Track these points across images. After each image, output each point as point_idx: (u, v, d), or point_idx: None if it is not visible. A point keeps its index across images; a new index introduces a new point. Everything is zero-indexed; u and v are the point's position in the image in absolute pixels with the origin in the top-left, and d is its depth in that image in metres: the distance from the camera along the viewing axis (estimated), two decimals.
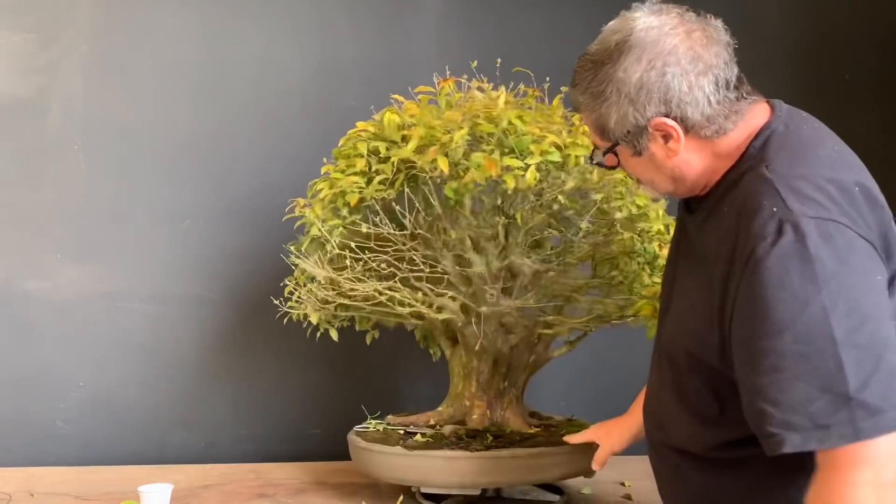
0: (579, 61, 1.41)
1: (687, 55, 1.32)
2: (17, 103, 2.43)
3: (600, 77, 1.36)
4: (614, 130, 1.38)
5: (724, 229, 1.31)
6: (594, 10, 2.75)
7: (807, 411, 1.18)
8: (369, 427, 2.13)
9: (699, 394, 1.41)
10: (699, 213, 1.42)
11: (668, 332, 1.47)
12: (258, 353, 2.54)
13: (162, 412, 2.51)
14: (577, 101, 1.42)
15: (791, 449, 1.19)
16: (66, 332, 2.46)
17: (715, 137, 1.35)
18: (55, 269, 2.45)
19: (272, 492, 2.15)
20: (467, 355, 2.12)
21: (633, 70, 1.33)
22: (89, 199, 2.46)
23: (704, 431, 1.41)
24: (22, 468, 2.35)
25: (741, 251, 1.25)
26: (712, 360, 1.35)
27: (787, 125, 1.36)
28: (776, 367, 1.20)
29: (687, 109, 1.33)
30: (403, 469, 1.96)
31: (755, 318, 1.22)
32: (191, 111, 2.52)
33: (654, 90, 1.32)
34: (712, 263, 1.32)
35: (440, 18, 2.67)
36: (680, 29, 1.33)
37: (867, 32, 2.88)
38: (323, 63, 2.60)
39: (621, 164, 1.45)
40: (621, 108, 1.35)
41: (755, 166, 1.31)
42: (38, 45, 2.44)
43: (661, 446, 1.52)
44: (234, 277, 2.52)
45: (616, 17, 1.39)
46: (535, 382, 2.67)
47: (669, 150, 1.36)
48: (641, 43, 1.33)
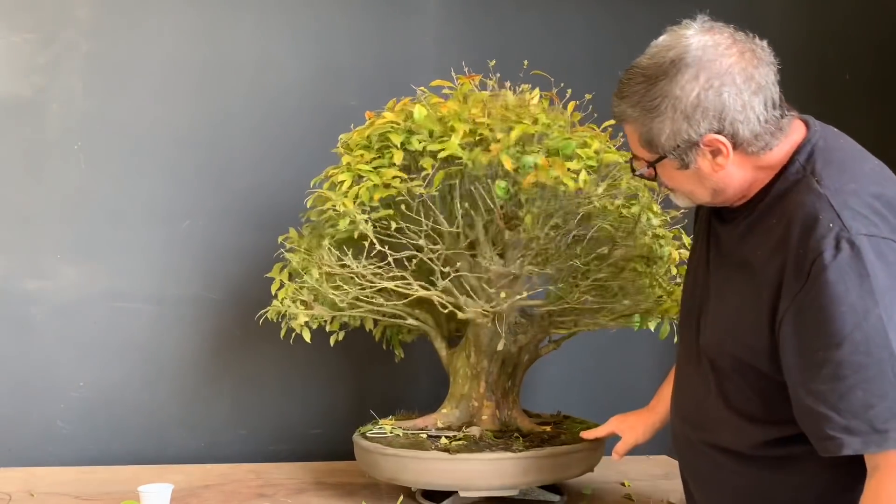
0: (627, 74, 1.44)
1: (741, 75, 1.36)
2: (17, 103, 2.43)
3: (655, 92, 1.38)
4: (664, 144, 1.41)
5: (774, 240, 1.37)
6: (594, 10, 2.77)
7: (865, 417, 1.27)
8: (385, 431, 2.09)
9: (745, 395, 1.47)
10: (738, 223, 1.47)
11: (709, 337, 1.51)
12: (258, 352, 2.53)
13: (162, 412, 2.50)
14: (625, 113, 1.44)
15: (850, 451, 1.28)
16: (66, 332, 2.46)
17: (760, 153, 1.40)
18: (55, 269, 2.45)
19: (272, 492, 2.15)
20: (477, 356, 2.12)
21: (691, 88, 1.36)
22: (89, 199, 2.46)
23: (751, 430, 1.46)
24: (22, 468, 2.35)
25: (798, 263, 1.32)
26: (760, 365, 1.41)
27: (826, 139, 1.42)
28: (836, 375, 1.28)
29: (738, 127, 1.37)
30: (444, 473, 1.93)
31: (815, 329, 1.30)
32: (190, 111, 2.52)
33: (709, 108, 1.36)
34: (760, 272, 1.39)
35: (439, 18, 2.67)
36: (734, 49, 1.38)
37: (867, 33, 2.88)
38: (322, 63, 2.60)
39: (659, 175, 1.49)
40: (675, 124, 1.38)
41: (803, 180, 1.38)
42: (38, 45, 2.44)
43: (700, 446, 1.56)
44: (234, 277, 2.52)
45: (666, 33, 1.43)
46: (535, 382, 2.68)
47: (716, 164, 1.41)
48: (698, 61, 1.36)
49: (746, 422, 1.46)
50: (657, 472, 2.39)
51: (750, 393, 1.46)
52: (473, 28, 2.68)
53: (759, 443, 1.46)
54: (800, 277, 1.31)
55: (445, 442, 2.01)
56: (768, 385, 1.42)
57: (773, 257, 1.37)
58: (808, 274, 1.30)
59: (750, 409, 1.46)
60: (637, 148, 1.47)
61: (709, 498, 1.59)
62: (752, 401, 1.45)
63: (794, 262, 1.32)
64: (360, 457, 2.08)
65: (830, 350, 1.28)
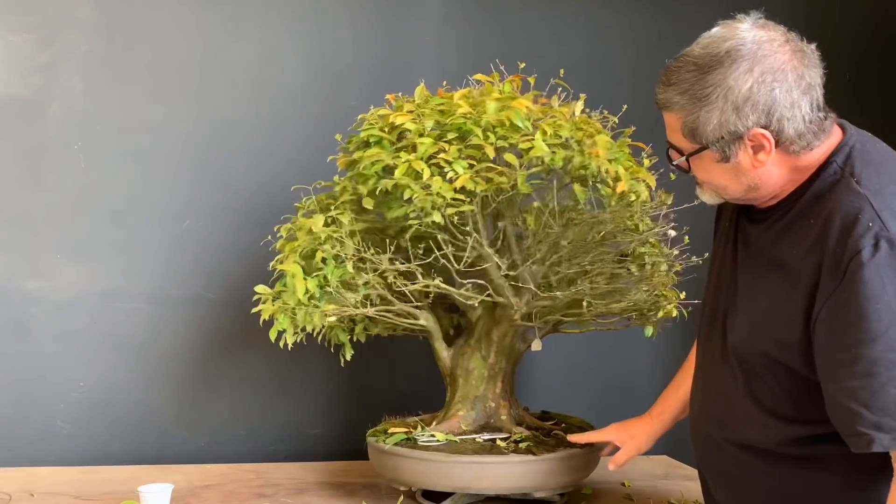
0: (677, 62, 1.42)
1: (794, 73, 1.37)
2: (17, 103, 2.43)
3: (707, 81, 1.38)
4: (708, 135, 1.41)
5: (811, 239, 1.38)
6: (595, 10, 2.77)
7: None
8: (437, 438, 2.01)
9: (773, 393, 1.47)
10: (772, 223, 1.47)
11: (738, 336, 1.51)
12: (258, 352, 2.53)
13: (162, 412, 2.50)
14: (671, 100, 1.42)
15: (880, 448, 1.29)
16: (66, 332, 2.45)
17: (800, 153, 1.41)
18: (55, 269, 2.45)
19: (272, 492, 2.15)
20: (496, 356, 2.11)
21: (744, 80, 1.36)
22: (89, 199, 2.46)
23: (778, 428, 1.46)
24: (22, 468, 2.35)
25: (835, 261, 1.32)
26: (792, 363, 1.42)
27: (862, 142, 1.43)
28: (869, 372, 1.29)
29: (785, 124, 1.38)
30: (525, 476, 1.93)
31: (850, 326, 1.30)
32: (190, 111, 2.52)
33: (760, 102, 1.36)
34: (796, 271, 1.39)
35: (440, 18, 2.67)
36: (787, 47, 1.39)
37: (867, 32, 2.88)
38: (323, 63, 2.60)
39: (693, 167, 1.48)
40: (724, 115, 1.38)
41: (842, 180, 1.39)
42: (38, 45, 2.44)
43: (724, 444, 1.56)
44: (234, 277, 2.52)
45: (719, 26, 1.42)
46: (535, 382, 2.68)
47: (757, 160, 1.41)
48: (753, 54, 1.37)
49: (774, 420, 1.46)
50: (657, 472, 2.39)
51: (779, 391, 1.46)
52: (474, 28, 2.68)
53: (786, 441, 1.46)
54: (836, 276, 1.32)
55: (506, 445, 1.99)
56: (799, 384, 1.42)
57: (809, 256, 1.37)
58: (844, 272, 1.31)
59: (778, 408, 1.46)
60: (678, 137, 1.46)
61: (730, 497, 1.59)
62: (781, 399, 1.46)
63: (831, 260, 1.33)
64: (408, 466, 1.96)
65: (864, 347, 1.29)
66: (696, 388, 1.68)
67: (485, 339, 2.12)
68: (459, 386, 2.13)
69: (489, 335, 2.12)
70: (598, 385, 2.76)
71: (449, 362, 2.16)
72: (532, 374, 2.67)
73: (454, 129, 1.88)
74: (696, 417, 1.66)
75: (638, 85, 2.69)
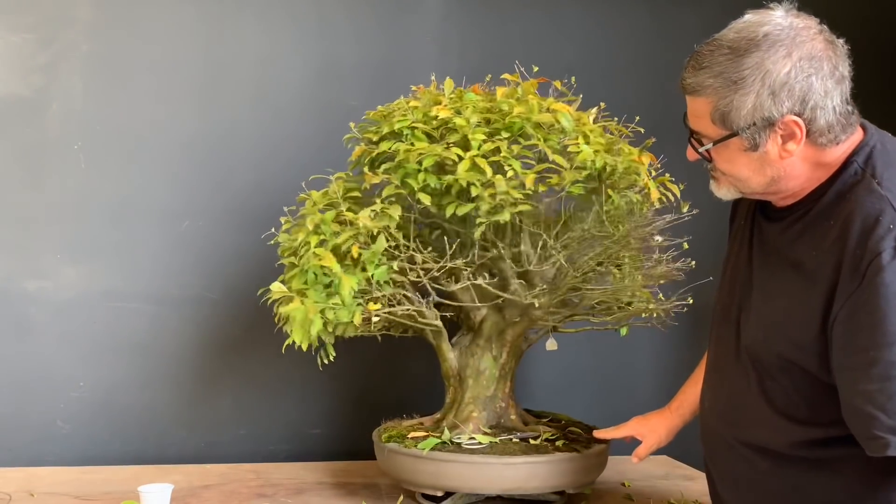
0: (708, 45, 1.39)
1: (829, 63, 1.36)
2: (17, 103, 2.43)
3: (744, 63, 1.35)
4: (740, 120, 1.38)
5: (830, 240, 1.36)
6: (595, 10, 2.77)
7: None
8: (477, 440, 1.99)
9: (787, 394, 1.45)
10: (790, 223, 1.45)
11: (753, 335, 1.50)
12: (258, 352, 2.53)
13: (162, 412, 2.50)
14: (702, 84, 1.39)
15: (895, 453, 1.27)
16: (66, 332, 2.45)
17: (827, 147, 1.39)
18: (55, 269, 2.45)
19: (272, 492, 2.15)
20: (508, 356, 2.10)
21: (783, 64, 1.34)
22: (89, 199, 2.46)
23: (790, 430, 1.45)
24: (22, 468, 2.35)
25: (854, 263, 1.31)
26: (808, 365, 1.40)
27: (884, 143, 1.42)
28: (887, 375, 1.28)
29: (818, 114, 1.36)
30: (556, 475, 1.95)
31: (868, 328, 1.29)
32: (191, 111, 2.52)
33: (796, 88, 1.34)
34: (814, 272, 1.37)
35: (440, 18, 2.67)
36: (822, 36, 1.38)
37: (868, 33, 2.88)
38: (323, 63, 2.60)
39: (716, 157, 1.45)
40: (759, 99, 1.35)
41: (863, 181, 1.37)
42: (38, 45, 2.44)
43: (734, 444, 1.55)
44: (234, 277, 2.52)
45: (750, 13, 1.40)
46: (535, 382, 2.68)
47: (785, 150, 1.39)
48: (792, 40, 1.35)
49: (786, 421, 1.45)
50: (657, 473, 2.39)
51: (793, 392, 1.44)
52: (475, 28, 2.68)
53: (798, 443, 1.44)
54: (855, 277, 1.30)
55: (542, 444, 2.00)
56: (813, 386, 1.41)
57: (828, 257, 1.36)
58: (864, 274, 1.29)
59: (791, 409, 1.45)
60: (706, 124, 1.42)
61: (738, 497, 1.58)
62: (794, 400, 1.44)
63: (850, 261, 1.31)
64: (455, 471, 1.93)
65: (882, 350, 1.27)
66: (706, 387, 1.66)
67: (496, 339, 2.10)
68: (469, 387, 2.10)
69: (502, 335, 2.11)
70: (598, 385, 2.76)
71: (456, 363, 2.13)
72: (532, 375, 2.67)
73: (508, 128, 1.88)
74: (706, 416, 1.65)
75: (638, 85, 2.71)
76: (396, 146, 1.90)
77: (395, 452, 2.00)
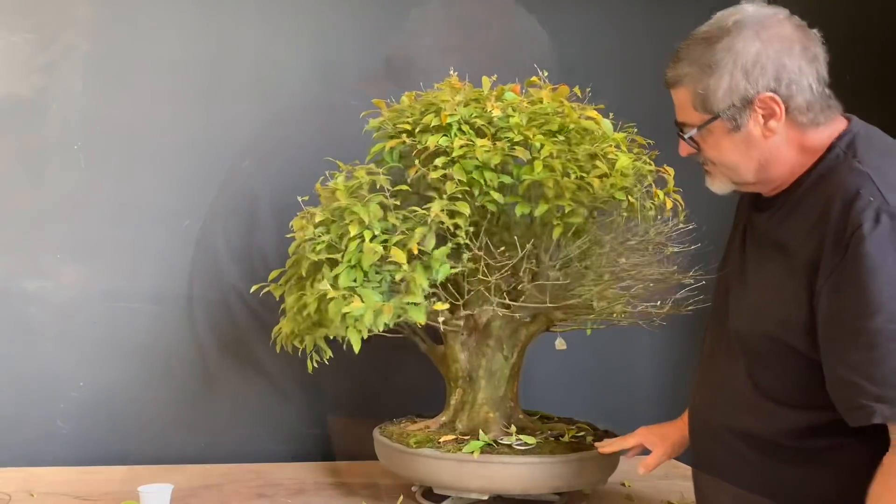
0: (686, 41, 1.47)
1: (799, 43, 1.42)
2: (17, 103, 2.43)
3: (716, 48, 1.42)
4: (719, 102, 1.43)
5: (812, 219, 1.39)
6: (595, 10, 2.77)
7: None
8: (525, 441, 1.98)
9: (776, 376, 1.47)
10: (776, 209, 1.49)
11: (743, 320, 1.52)
12: (258, 352, 2.53)
13: (162, 412, 2.50)
14: (679, 75, 1.47)
15: (880, 420, 1.29)
16: (66, 332, 2.45)
17: (809, 127, 1.43)
18: (55, 269, 2.45)
19: (272, 492, 2.15)
20: (519, 357, 2.10)
21: (752, 43, 1.41)
22: (89, 199, 2.46)
23: (778, 415, 1.46)
24: (22, 468, 2.35)
25: (837, 237, 1.33)
26: (795, 342, 1.42)
27: (867, 130, 1.46)
28: (870, 344, 1.29)
29: (794, 90, 1.41)
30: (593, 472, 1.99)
31: (851, 298, 1.31)
32: (191, 111, 2.52)
33: (768, 65, 1.40)
34: (798, 251, 1.40)
35: (440, 18, 2.67)
36: (790, 21, 1.44)
37: (868, 33, 2.88)
38: (323, 63, 2.59)
39: (703, 146, 1.50)
40: (734, 79, 1.41)
41: (844, 162, 1.40)
42: (38, 45, 2.43)
43: (721, 432, 1.56)
44: (234, 277, 2.52)
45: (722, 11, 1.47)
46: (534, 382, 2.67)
47: (768, 129, 1.43)
48: (759, 23, 1.42)
49: (774, 405, 1.46)
50: (657, 473, 2.38)
51: (781, 374, 1.46)
52: (474, 28, 2.68)
53: (786, 430, 1.45)
54: (838, 250, 1.33)
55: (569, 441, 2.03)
56: (801, 367, 1.42)
57: (811, 235, 1.38)
58: (846, 246, 1.31)
59: (779, 392, 1.46)
60: (689, 112, 1.48)
61: (720, 490, 1.57)
62: (783, 383, 1.46)
63: (832, 236, 1.34)
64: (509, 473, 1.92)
65: (866, 319, 1.29)
66: (698, 379, 1.67)
67: (507, 339, 2.09)
68: (482, 388, 2.08)
69: (515, 335, 2.09)
70: (598, 385, 2.76)
71: (467, 364, 2.10)
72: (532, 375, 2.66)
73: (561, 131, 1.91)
74: (695, 408, 1.66)
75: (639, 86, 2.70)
76: (455, 141, 1.86)
77: (431, 458, 1.93)
